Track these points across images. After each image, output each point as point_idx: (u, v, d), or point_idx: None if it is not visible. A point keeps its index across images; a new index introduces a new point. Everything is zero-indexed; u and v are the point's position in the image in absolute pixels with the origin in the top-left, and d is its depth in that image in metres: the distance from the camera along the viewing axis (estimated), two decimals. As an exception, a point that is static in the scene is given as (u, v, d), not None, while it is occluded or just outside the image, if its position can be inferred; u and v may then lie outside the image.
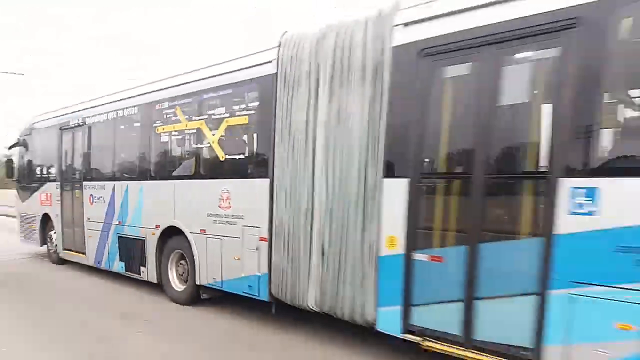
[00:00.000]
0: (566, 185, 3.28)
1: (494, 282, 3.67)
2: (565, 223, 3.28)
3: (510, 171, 3.72)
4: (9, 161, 11.68)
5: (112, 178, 8.07)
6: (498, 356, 3.65)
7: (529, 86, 3.62)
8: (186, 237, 6.48)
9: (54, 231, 9.88)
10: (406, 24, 4.20)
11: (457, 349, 3.88)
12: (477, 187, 3.73)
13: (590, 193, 3.18)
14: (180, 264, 6.79)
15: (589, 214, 3.19)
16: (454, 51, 3.85)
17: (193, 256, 6.37)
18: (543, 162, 3.47)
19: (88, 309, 6.54)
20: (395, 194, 4.21)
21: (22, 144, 11.17)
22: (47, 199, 10.03)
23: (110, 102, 8.17)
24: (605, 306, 3.14)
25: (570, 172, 3.27)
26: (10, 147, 11.73)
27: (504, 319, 3.64)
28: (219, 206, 5.94)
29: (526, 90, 3.63)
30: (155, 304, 6.76)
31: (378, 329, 4.43)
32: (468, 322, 3.81)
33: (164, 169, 7.13)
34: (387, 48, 4.30)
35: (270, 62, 5.34)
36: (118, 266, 7.89)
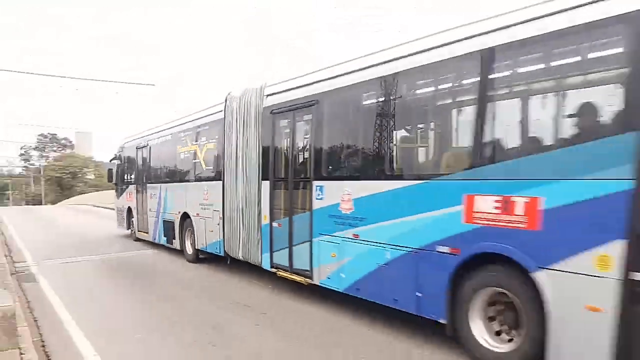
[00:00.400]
0: (315, 185, 6.56)
1: (297, 236, 7.02)
2: (315, 203, 6.56)
3: (299, 177, 7.05)
4: (109, 170, 16.96)
5: (159, 181, 12.45)
6: (301, 276, 6.98)
7: (304, 133, 6.93)
8: (191, 219, 10.49)
9: (133, 219, 14.66)
10: (267, 95, 7.71)
11: (288, 274, 7.28)
12: (290, 185, 7.13)
13: (321, 188, 6.45)
14: (191, 237, 10.81)
15: (321, 199, 6.45)
16: (280, 112, 7.28)
17: (194, 230, 10.36)
18: (309, 172, 6.75)
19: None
20: (265, 189, 7.72)
21: (117, 157, 16.29)
22: (130, 196, 14.88)
23: (159, 131, 12.55)
24: (328, 245, 6.38)
25: (316, 178, 6.55)
26: (110, 160, 16.99)
27: (301, 255, 6.96)
28: (204, 198, 9.85)
29: (304, 135, 6.95)
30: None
31: (263, 267, 7.94)
32: (290, 258, 7.19)
33: (181, 175, 11.25)
34: (262, 107, 7.81)
35: (221, 111, 9.09)
36: (163, 240, 12.21)
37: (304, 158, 7.02)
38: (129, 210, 15.05)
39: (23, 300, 7.28)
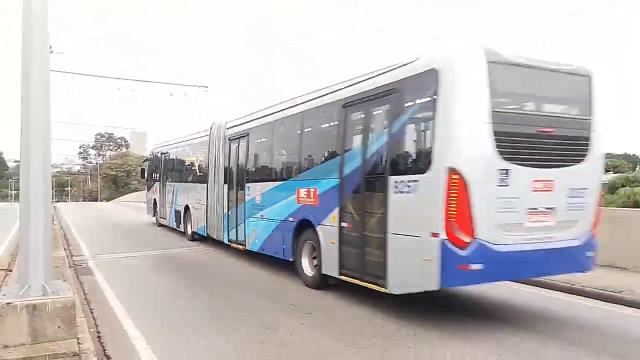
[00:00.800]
0: (246, 185, 10.88)
1: (239, 220, 11.30)
2: (246, 198, 10.86)
3: (240, 181, 11.33)
4: (142, 170, 22.17)
5: (173, 180, 17.18)
6: (241, 245, 11.24)
7: (243, 153, 11.24)
8: (190, 210, 15.04)
9: (157, 208, 19.48)
10: (227, 128, 12.15)
11: (235, 244, 11.59)
12: (237, 187, 11.47)
13: (249, 188, 10.77)
14: (190, 222, 15.32)
15: (249, 194, 10.76)
16: (233, 139, 11.69)
17: (191, 218, 14.89)
18: (244, 178, 11.05)
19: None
20: (225, 189, 12.12)
21: (148, 159, 21.37)
22: (155, 190, 19.76)
23: (175, 142, 17.30)
24: (252, 223, 10.64)
25: (247, 181, 10.89)
26: (143, 162, 22.15)
27: (241, 232, 11.22)
28: (197, 195, 14.37)
29: (243, 154, 11.26)
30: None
31: (225, 242, 12.27)
32: (236, 234, 11.50)
33: (185, 177, 15.90)
34: (225, 136, 12.21)
35: (208, 135, 13.57)
36: (174, 225, 16.89)
37: (243, 168, 11.33)
38: (154, 201, 19.91)
39: (81, 292, 7.95)
